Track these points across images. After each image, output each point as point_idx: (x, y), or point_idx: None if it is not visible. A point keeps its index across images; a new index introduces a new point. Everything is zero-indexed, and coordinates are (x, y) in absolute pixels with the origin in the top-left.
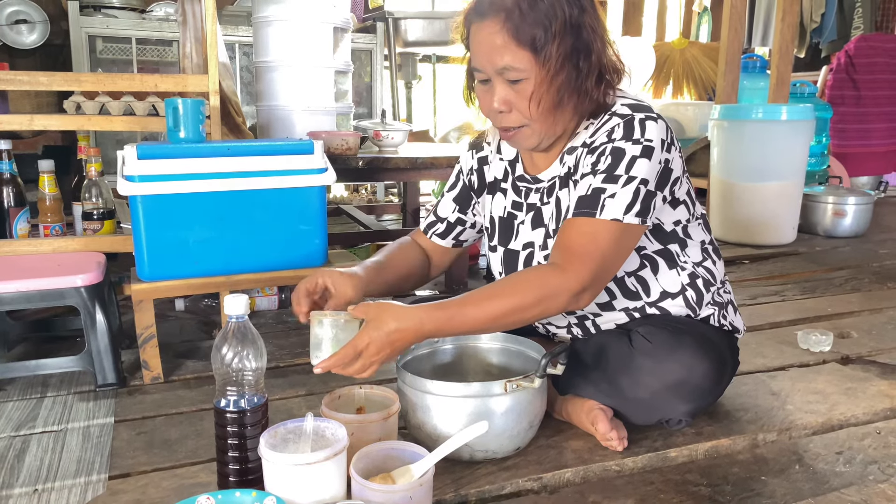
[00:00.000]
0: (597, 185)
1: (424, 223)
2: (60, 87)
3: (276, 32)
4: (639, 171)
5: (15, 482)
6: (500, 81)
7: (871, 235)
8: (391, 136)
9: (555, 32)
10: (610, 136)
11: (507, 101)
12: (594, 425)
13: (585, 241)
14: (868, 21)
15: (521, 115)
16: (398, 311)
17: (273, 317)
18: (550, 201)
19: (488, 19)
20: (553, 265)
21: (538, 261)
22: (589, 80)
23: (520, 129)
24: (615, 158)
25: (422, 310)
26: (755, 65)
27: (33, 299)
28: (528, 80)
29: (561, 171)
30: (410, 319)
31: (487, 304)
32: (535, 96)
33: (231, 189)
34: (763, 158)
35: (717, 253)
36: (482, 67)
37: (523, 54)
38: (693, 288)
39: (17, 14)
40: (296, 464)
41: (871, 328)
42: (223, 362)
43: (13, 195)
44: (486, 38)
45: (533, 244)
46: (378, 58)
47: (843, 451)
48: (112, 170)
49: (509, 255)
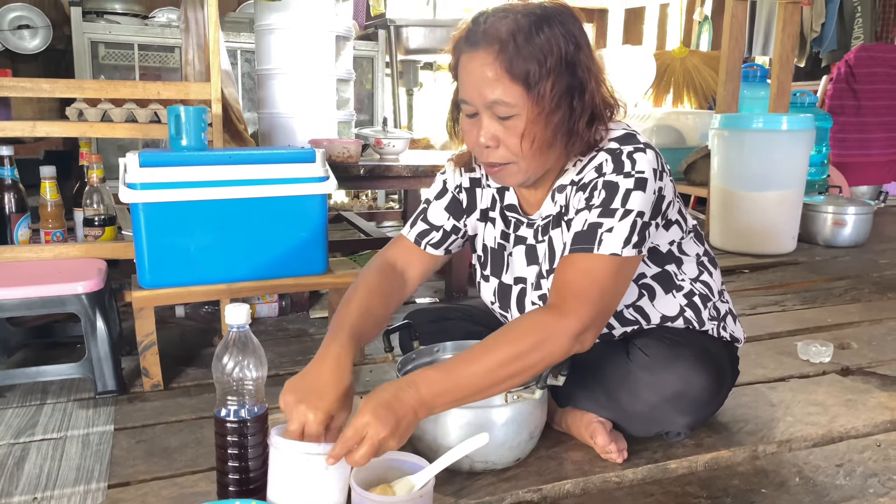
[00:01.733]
0: (593, 219)
1: (413, 233)
2: (63, 94)
3: (279, 40)
4: (634, 203)
5: (14, 490)
6: (488, 116)
7: (870, 245)
8: (392, 143)
9: (550, 69)
10: (599, 170)
11: (494, 137)
12: (593, 438)
13: (583, 279)
14: (868, 31)
15: (510, 151)
16: (387, 385)
17: (273, 324)
18: (545, 240)
19: (480, 50)
20: (550, 307)
21: (531, 300)
22: (582, 120)
23: (506, 165)
24: (609, 192)
25: (412, 396)
26: (755, 74)
27: (34, 306)
28: (518, 116)
29: (553, 209)
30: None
31: (483, 357)
32: (528, 134)
33: (232, 197)
34: (763, 168)
35: (712, 263)
36: (471, 100)
37: (515, 89)
38: (692, 307)
39: (19, 19)
40: (308, 452)
41: (871, 339)
42: (224, 372)
43: (14, 201)
44: (477, 69)
45: (525, 280)
46: (379, 65)
47: (844, 464)
48: (113, 176)
49: (502, 287)
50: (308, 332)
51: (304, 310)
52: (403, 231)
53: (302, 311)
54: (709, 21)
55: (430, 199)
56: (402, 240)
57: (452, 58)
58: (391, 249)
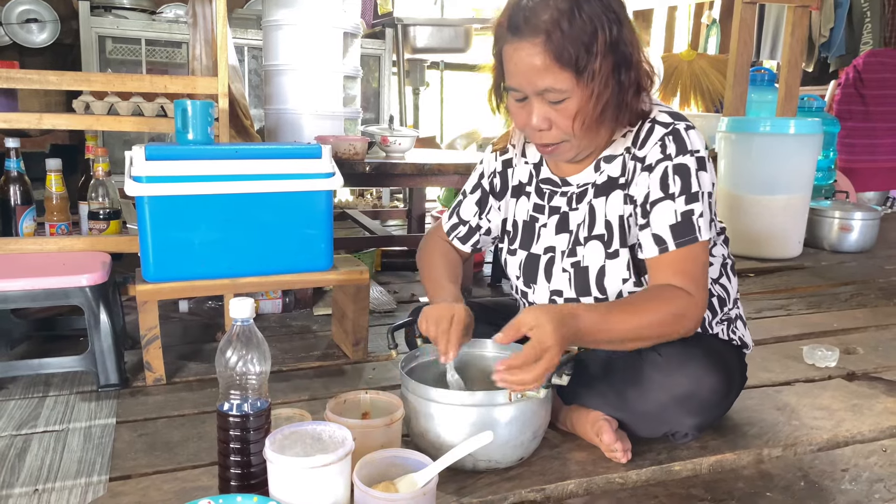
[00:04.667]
0: (682, 208)
1: (448, 224)
2: (70, 87)
3: (286, 36)
4: (705, 184)
5: (16, 481)
6: (539, 101)
7: (877, 251)
8: (398, 141)
9: (596, 52)
10: (664, 151)
11: (546, 119)
12: (599, 436)
13: (696, 268)
14: (877, 36)
15: (562, 132)
16: (561, 312)
17: (276, 320)
18: (580, 207)
19: (526, 40)
20: (675, 288)
21: (561, 268)
22: (629, 92)
23: (559, 144)
24: (683, 176)
25: (576, 308)
26: (763, 78)
27: (38, 298)
28: (569, 99)
29: (596, 178)
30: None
31: (633, 315)
32: (580, 115)
33: (238, 192)
34: (770, 172)
35: (732, 269)
36: (520, 87)
37: (565, 76)
38: (709, 308)
39: (27, 13)
40: (308, 467)
41: (877, 344)
42: (227, 366)
43: (20, 193)
44: (525, 59)
45: (554, 249)
46: (386, 64)
47: (849, 469)
48: (119, 170)
49: (530, 259)
50: (311, 329)
51: (308, 306)
52: (443, 218)
53: (305, 307)
54: (717, 24)
55: (467, 192)
56: (440, 228)
57: (495, 44)
58: (436, 232)
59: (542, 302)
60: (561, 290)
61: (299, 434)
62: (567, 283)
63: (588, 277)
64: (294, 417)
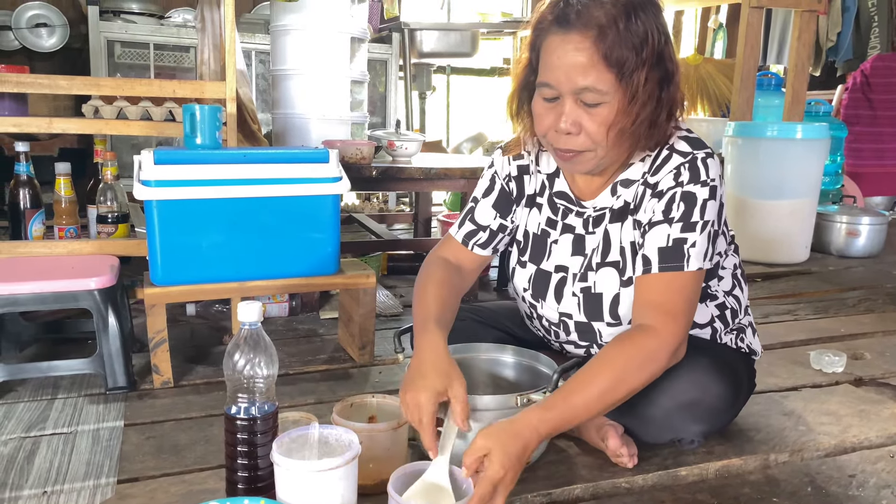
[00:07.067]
0: (676, 235)
1: (461, 233)
2: (80, 92)
3: (294, 41)
4: (709, 214)
5: (24, 483)
6: (572, 101)
7: (884, 256)
8: (405, 146)
9: (645, 58)
10: (677, 178)
11: (577, 123)
12: (605, 441)
13: (676, 297)
14: (885, 41)
15: (591, 139)
16: (513, 429)
17: (283, 324)
18: (597, 232)
19: (575, 32)
20: (643, 328)
21: (571, 291)
22: (664, 111)
23: (582, 152)
24: (688, 204)
25: (533, 416)
26: (770, 82)
27: (47, 301)
28: (606, 104)
29: (613, 202)
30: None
31: (590, 385)
32: (615, 124)
33: (246, 196)
34: (777, 176)
35: (743, 277)
36: (556, 83)
37: (609, 77)
38: (721, 319)
39: (37, 18)
40: (315, 470)
41: (884, 350)
42: (235, 369)
43: (29, 197)
44: (570, 53)
45: (567, 269)
46: (393, 68)
47: (856, 475)
48: (127, 173)
49: (540, 274)
50: (318, 333)
51: (315, 310)
52: (451, 231)
53: (312, 311)
54: (723, 29)
55: (478, 198)
56: (450, 240)
57: (533, 37)
58: (442, 248)
59: (552, 318)
60: (570, 314)
61: (306, 437)
62: (576, 307)
63: (601, 304)
64: (301, 421)
